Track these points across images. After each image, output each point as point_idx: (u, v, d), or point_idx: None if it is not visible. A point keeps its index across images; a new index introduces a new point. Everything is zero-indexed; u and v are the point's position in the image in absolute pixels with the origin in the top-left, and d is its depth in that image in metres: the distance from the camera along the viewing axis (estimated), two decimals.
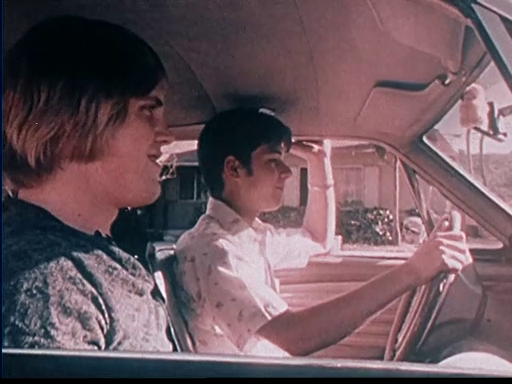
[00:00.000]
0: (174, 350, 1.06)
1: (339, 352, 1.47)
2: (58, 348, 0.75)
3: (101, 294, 0.82)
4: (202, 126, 1.84)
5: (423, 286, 1.59)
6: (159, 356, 0.80)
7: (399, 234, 18.55)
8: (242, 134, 1.76)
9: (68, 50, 0.90)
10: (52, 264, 0.79)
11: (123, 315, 0.85)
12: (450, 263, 1.45)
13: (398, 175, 17.72)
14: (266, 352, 1.56)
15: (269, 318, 1.49)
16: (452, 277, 1.49)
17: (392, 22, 1.16)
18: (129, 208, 1.07)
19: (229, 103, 1.80)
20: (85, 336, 0.78)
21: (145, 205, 1.01)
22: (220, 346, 1.62)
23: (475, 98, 1.59)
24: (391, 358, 1.83)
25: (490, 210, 2.13)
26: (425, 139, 2.16)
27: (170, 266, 1.64)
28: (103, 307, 0.82)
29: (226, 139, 1.76)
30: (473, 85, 1.54)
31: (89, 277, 0.82)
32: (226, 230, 1.71)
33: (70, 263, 0.81)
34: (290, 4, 1.13)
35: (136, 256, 0.98)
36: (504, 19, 0.87)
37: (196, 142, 1.85)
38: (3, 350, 0.69)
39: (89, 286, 0.81)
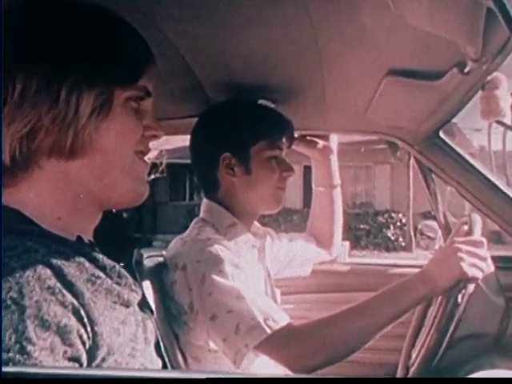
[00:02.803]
0: (164, 367, 1.06)
1: (346, 369, 1.47)
2: (35, 365, 0.74)
3: (82, 306, 0.82)
4: (195, 120, 1.84)
5: (440, 297, 1.59)
6: (147, 374, 0.80)
7: (413, 240, 18.54)
8: (240, 129, 1.76)
9: (46, 35, 0.90)
10: (29, 272, 0.79)
11: (107, 329, 0.85)
12: (470, 271, 1.46)
13: (411, 174, 17.72)
14: (265, 369, 1.56)
15: (269, 331, 1.49)
16: (472, 286, 1.49)
17: (405, 3, 1.16)
18: (114, 210, 1.06)
19: (225, 94, 1.79)
20: (65, 352, 0.78)
21: (132, 207, 1.01)
22: (214, 362, 1.62)
23: (497, 88, 1.59)
24: (404, 376, 1.83)
25: None
26: (442, 134, 2.16)
27: (159, 275, 1.64)
28: (85, 320, 0.82)
29: (222, 134, 1.76)
30: (495, 73, 1.54)
31: (69, 286, 0.82)
32: (222, 235, 1.71)
33: (48, 271, 0.81)
34: None
35: (122, 263, 0.98)
36: None
37: (188, 137, 1.85)
38: None
39: (69, 297, 0.81)
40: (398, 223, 19.71)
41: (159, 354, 1.03)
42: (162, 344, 1.08)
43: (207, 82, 1.72)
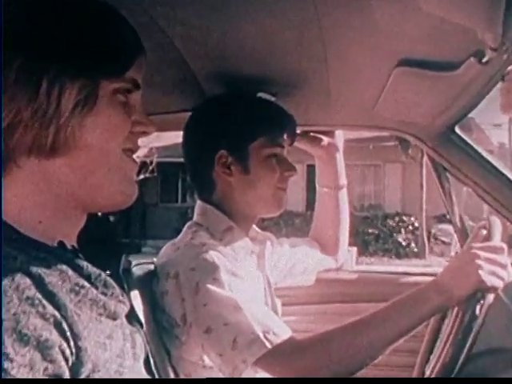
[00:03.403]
0: None
1: None
2: None
3: (65, 318, 0.82)
4: (188, 114, 1.84)
5: (456, 309, 1.59)
6: None
7: (426, 245, 18.57)
8: (237, 124, 1.76)
9: (27, 22, 0.90)
10: (6, 282, 0.79)
11: (92, 343, 0.85)
12: (489, 280, 1.45)
13: (424, 173, 17.74)
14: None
15: (269, 346, 1.49)
16: (491, 297, 1.49)
17: None
18: (99, 213, 1.06)
19: (220, 86, 1.79)
20: (45, 369, 0.78)
21: (119, 209, 1.01)
22: None
23: None
24: None
25: None
26: (458, 130, 2.16)
27: (149, 284, 1.64)
28: (68, 334, 0.82)
29: (217, 130, 1.76)
30: None
31: (51, 297, 0.82)
32: (218, 240, 1.71)
33: (27, 280, 0.81)
34: None
35: (108, 272, 0.98)
36: None
37: (181, 133, 1.85)
38: None
39: (50, 309, 0.81)
40: (410, 227, 19.73)
41: (149, 371, 1.03)
42: (151, 360, 1.08)
43: (201, 73, 1.72)
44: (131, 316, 1.00)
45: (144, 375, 0.99)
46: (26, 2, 0.91)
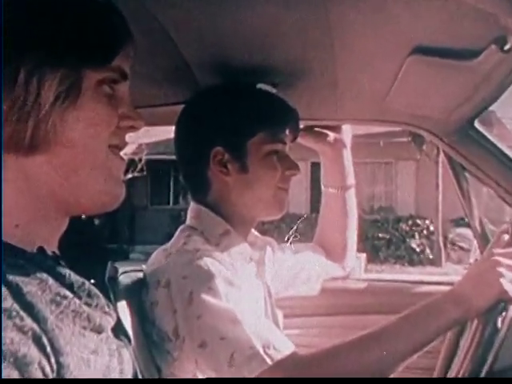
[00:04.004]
0: None
1: None
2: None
3: (45, 332, 0.82)
4: (181, 107, 1.84)
5: (475, 321, 1.59)
6: None
7: (443, 251, 18.58)
8: (234, 118, 1.76)
9: (4, 6, 0.90)
10: None
11: (75, 359, 0.85)
12: None
13: (440, 172, 17.74)
14: None
15: (269, 362, 1.49)
16: None
17: None
18: (83, 216, 1.06)
19: (216, 76, 1.79)
20: None
21: (104, 212, 1.01)
22: None
23: None
24: None
25: None
26: (477, 124, 2.16)
27: (137, 294, 1.64)
28: (48, 349, 0.81)
29: (213, 124, 1.76)
30: None
31: (29, 309, 0.82)
32: (213, 246, 1.71)
33: (4, 291, 0.81)
34: None
35: (92, 280, 0.98)
36: None
37: (173, 128, 1.85)
38: None
39: (29, 321, 0.81)
40: (425, 231, 19.74)
41: None
42: (140, 377, 1.08)
43: (196, 62, 1.72)
44: (118, 329, 1.00)
45: None
46: None
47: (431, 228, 19.48)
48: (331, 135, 2.15)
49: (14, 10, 0.89)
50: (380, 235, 19.59)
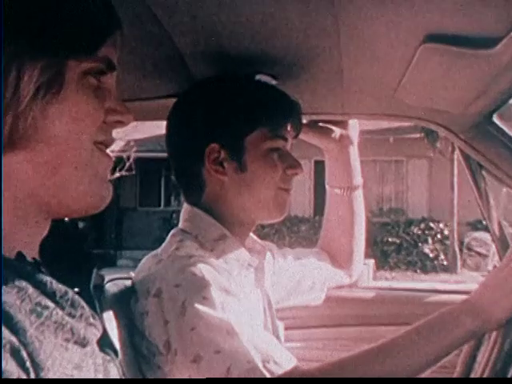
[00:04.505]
0: None
1: None
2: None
3: (24, 345, 0.82)
4: (173, 101, 1.84)
5: (494, 334, 1.59)
6: None
7: (458, 257, 18.57)
8: (231, 112, 1.76)
9: None
10: None
11: (57, 375, 0.85)
12: None
13: (456, 171, 17.76)
14: None
15: (269, 377, 1.49)
16: None
17: None
18: (66, 219, 1.06)
19: (212, 67, 1.79)
20: None
21: (90, 214, 1.01)
22: None
23: None
24: None
25: None
26: (496, 119, 2.16)
27: (125, 304, 1.64)
28: (27, 364, 0.81)
29: (208, 119, 1.76)
30: None
31: (7, 320, 0.82)
32: (208, 251, 1.71)
33: None
34: None
35: (76, 289, 0.98)
36: None
37: (164, 123, 1.85)
38: None
39: (7, 334, 0.81)
40: (439, 236, 19.75)
41: None
42: None
43: (189, 51, 1.72)
44: (104, 342, 1.00)
45: None
46: None
47: (445, 232, 19.50)
48: (337, 131, 2.15)
49: None
50: (390, 240, 19.61)
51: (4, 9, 0.89)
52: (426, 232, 19.82)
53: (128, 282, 1.71)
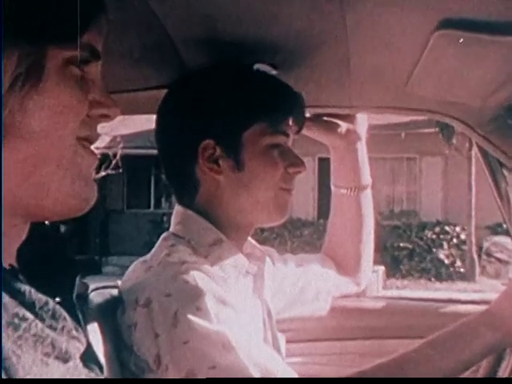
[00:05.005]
0: None
1: None
2: None
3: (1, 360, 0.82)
4: (164, 92, 1.84)
5: None
6: None
7: (476, 264, 18.59)
8: (227, 105, 1.76)
9: None
10: None
11: None
12: None
13: (473, 170, 17.76)
14: None
15: None
16: None
17: None
18: (47, 222, 1.06)
19: (206, 56, 1.79)
20: None
21: (72, 217, 1.01)
22: None
23: None
24: None
25: None
26: None
27: (111, 315, 1.64)
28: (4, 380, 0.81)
29: (202, 113, 1.76)
30: None
31: None
32: (202, 257, 1.71)
33: None
34: None
35: (58, 299, 0.97)
36: None
37: (154, 117, 1.85)
38: None
39: None
40: (455, 240, 19.76)
41: None
42: None
43: (181, 38, 1.72)
44: (88, 357, 1.00)
45: None
46: None
47: (462, 236, 19.51)
48: (343, 126, 2.15)
49: None
50: (401, 245, 19.62)
51: None
52: (441, 236, 19.83)
53: (114, 291, 1.71)
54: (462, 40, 1.58)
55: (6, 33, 0.89)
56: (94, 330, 1.47)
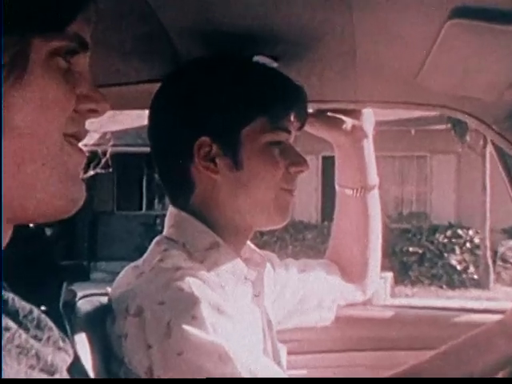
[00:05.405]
0: None
1: None
2: None
3: None
4: (157, 86, 1.84)
5: None
6: None
7: (491, 270, 18.59)
8: (224, 100, 1.76)
9: None
10: None
11: None
12: None
13: (488, 169, 17.76)
14: None
15: None
16: None
17: None
18: (31, 225, 1.06)
19: (201, 46, 1.80)
20: None
21: (59, 219, 1.01)
22: None
23: None
24: None
25: None
26: None
27: (100, 324, 1.64)
28: None
29: (197, 108, 1.76)
30: None
31: None
32: (198, 262, 1.71)
33: None
34: None
35: (43, 307, 0.97)
36: None
37: (146, 112, 1.85)
38: None
39: None
40: (468, 245, 19.77)
41: None
42: None
43: (176, 28, 1.72)
44: (75, 369, 1.00)
45: None
46: None
47: (476, 240, 19.51)
48: (348, 122, 2.15)
49: None
50: (411, 249, 19.63)
51: None
52: (453, 240, 19.83)
53: (104, 299, 1.71)
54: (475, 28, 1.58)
55: None
56: (81, 341, 1.47)
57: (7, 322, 0.89)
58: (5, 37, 0.90)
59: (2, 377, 0.84)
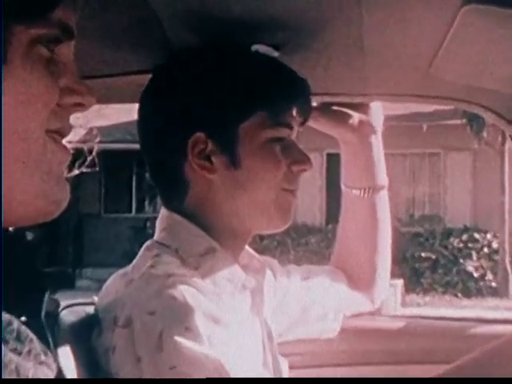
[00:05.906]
0: None
1: None
2: None
3: None
4: (148, 78, 1.84)
5: None
6: None
7: (510, 277, 18.59)
8: (220, 92, 1.76)
9: None
10: None
11: None
12: None
13: (507, 168, 17.76)
14: None
15: None
16: None
17: None
18: (11, 228, 1.06)
19: (196, 35, 1.79)
20: None
21: (41, 222, 1.01)
22: None
23: None
24: None
25: None
26: None
27: (86, 336, 1.64)
28: None
29: (191, 101, 1.76)
30: None
31: None
32: (192, 269, 1.71)
33: None
34: None
35: (23, 318, 0.97)
36: None
37: (135, 106, 1.85)
38: None
39: None
40: (485, 249, 19.77)
41: None
42: None
43: (168, 14, 1.72)
44: None
45: None
46: None
47: (494, 245, 19.51)
48: (355, 116, 2.15)
49: None
50: (423, 255, 19.64)
51: None
52: (469, 245, 19.84)
53: (90, 309, 1.72)
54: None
55: None
56: (65, 354, 1.47)
57: None
58: None
59: None
